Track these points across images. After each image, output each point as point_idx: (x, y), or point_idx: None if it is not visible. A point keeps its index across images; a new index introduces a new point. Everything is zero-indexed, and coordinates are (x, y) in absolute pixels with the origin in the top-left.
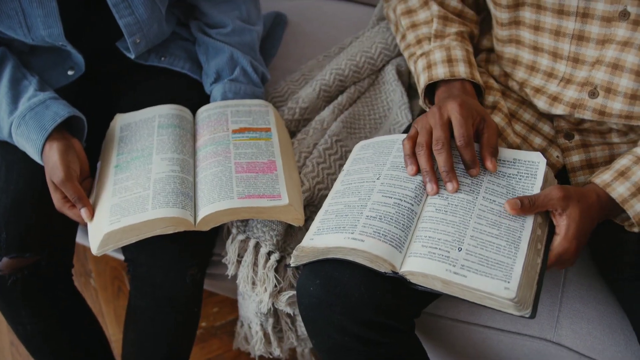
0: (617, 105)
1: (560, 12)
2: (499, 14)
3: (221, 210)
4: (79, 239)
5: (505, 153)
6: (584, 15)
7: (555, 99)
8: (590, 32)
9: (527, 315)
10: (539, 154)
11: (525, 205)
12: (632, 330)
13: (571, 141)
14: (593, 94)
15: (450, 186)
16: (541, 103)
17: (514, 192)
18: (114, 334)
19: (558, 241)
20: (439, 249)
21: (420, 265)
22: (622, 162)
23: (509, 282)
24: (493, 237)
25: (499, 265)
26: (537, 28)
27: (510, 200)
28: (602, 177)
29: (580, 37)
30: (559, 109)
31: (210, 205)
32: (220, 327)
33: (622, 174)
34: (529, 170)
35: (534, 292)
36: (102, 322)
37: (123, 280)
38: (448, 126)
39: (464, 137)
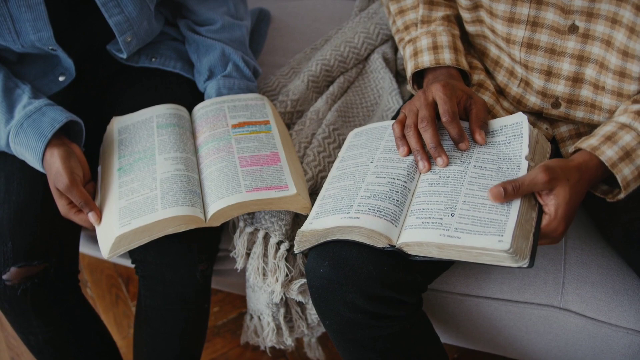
0: (579, 113)
1: (511, 20)
2: (463, 14)
3: (231, 204)
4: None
5: (492, 124)
6: (534, 24)
7: (519, 102)
8: (539, 40)
9: (525, 265)
10: (520, 113)
11: (509, 192)
12: (635, 291)
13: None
14: (556, 105)
15: (440, 161)
16: (509, 100)
17: (504, 157)
18: (116, 341)
19: (547, 221)
20: (433, 217)
21: (415, 235)
22: (605, 129)
23: (502, 236)
24: (485, 199)
25: (492, 223)
26: (493, 31)
27: (492, 189)
28: (589, 142)
29: (529, 45)
30: (525, 110)
31: (220, 201)
32: (223, 325)
33: (609, 138)
34: (515, 132)
35: (530, 243)
36: None
37: (120, 288)
38: (433, 106)
39: (447, 113)
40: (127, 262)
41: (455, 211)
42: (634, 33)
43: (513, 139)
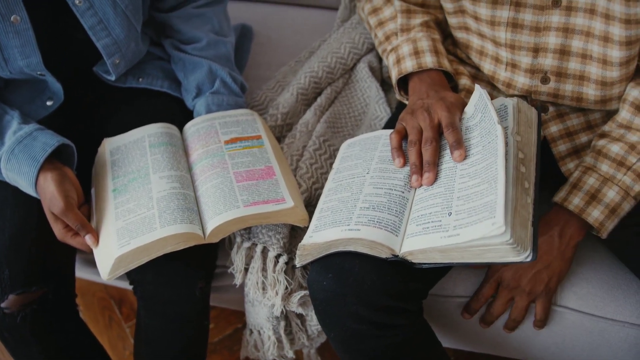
0: (568, 87)
1: (495, 2)
2: (444, 4)
3: (229, 220)
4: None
5: (467, 108)
6: (517, 4)
7: (509, 85)
8: (524, 19)
9: (528, 259)
10: (476, 86)
11: (476, 306)
12: (628, 285)
13: (547, 114)
14: (545, 80)
15: (427, 176)
16: (499, 85)
17: (486, 132)
18: None
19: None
20: (432, 221)
21: (416, 242)
22: (574, 175)
23: (494, 217)
24: (476, 186)
25: (485, 207)
26: (476, 18)
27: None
28: (560, 195)
29: (514, 25)
30: (515, 92)
31: (218, 217)
32: (219, 342)
33: (575, 186)
34: (484, 104)
35: (529, 233)
36: None
37: (113, 310)
38: (438, 128)
39: (450, 125)
40: (123, 284)
41: (452, 209)
42: None
43: (485, 112)
